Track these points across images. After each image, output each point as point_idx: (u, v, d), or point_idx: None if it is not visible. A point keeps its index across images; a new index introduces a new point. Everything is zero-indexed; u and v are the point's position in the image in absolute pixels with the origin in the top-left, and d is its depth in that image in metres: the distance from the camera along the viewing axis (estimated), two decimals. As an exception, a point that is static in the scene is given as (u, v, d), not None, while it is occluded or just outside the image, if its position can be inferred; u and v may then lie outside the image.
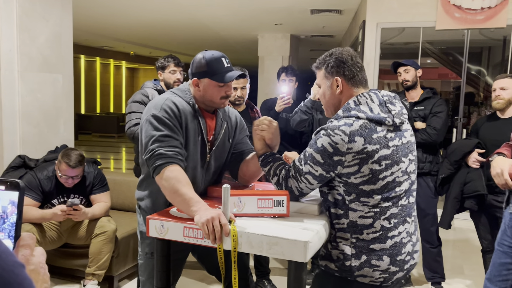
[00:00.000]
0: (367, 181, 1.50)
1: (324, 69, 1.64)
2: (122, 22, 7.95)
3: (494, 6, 4.64)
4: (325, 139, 1.50)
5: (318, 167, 1.52)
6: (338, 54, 1.61)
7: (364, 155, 1.47)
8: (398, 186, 1.54)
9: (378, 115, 1.51)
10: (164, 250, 1.67)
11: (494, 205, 2.72)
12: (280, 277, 3.34)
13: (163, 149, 1.66)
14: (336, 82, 1.60)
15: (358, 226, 1.54)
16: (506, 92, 2.72)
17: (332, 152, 1.48)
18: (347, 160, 1.48)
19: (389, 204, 1.53)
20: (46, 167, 3.00)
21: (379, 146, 1.48)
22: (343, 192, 1.54)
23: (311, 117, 3.11)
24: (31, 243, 0.71)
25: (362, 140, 1.46)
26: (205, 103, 1.83)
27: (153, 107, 1.75)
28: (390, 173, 1.51)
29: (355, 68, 1.60)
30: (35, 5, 3.53)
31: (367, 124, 1.49)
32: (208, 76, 1.76)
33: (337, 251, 1.57)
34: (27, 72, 3.50)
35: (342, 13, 6.41)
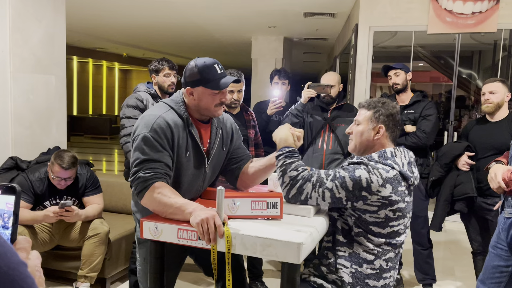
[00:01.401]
0: (379, 223, 1.64)
1: (373, 112, 1.76)
2: (115, 24, 7.93)
3: (485, 11, 4.71)
4: (364, 172, 1.61)
5: (344, 191, 1.61)
6: (391, 107, 1.77)
7: (387, 202, 1.62)
8: (398, 237, 1.70)
9: (406, 171, 1.68)
10: (158, 252, 1.67)
11: (484, 207, 2.76)
12: (273, 279, 3.35)
13: (142, 172, 1.67)
14: (378, 129, 1.75)
15: (360, 259, 1.66)
16: (495, 96, 2.76)
17: (364, 187, 1.60)
18: (371, 199, 1.61)
19: (389, 248, 1.68)
20: (38, 169, 2.98)
21: (400, 198, 1.64)
22: (352, 223, 1.66)
23: (302, 120, 3.13)
24: (27, 247, 0.72)
25: (390, 188, 1.62)
26: (200, 112, 1.81)
27: (145, 125, 1.72)
28: (398, 224, 1.67)
29: (397, 125, 1.79)
30: (28, 6, 3.52)
31: (398, 176, 1.65)
32: (201, 84, 1.74)
33: (335, 276, 1.67)
34: (19, 73, 3.48)
35: (335, 16, 6.45)
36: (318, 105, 3.20)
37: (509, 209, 2.05)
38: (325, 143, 3.13)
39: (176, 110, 1.78)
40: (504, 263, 2.11)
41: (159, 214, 1.65)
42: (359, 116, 1.80)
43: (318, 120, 3.16)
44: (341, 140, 3.10)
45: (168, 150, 1.72)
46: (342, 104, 3.19)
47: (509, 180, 1.97)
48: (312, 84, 3.06)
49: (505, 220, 2.07)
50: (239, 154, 2.01)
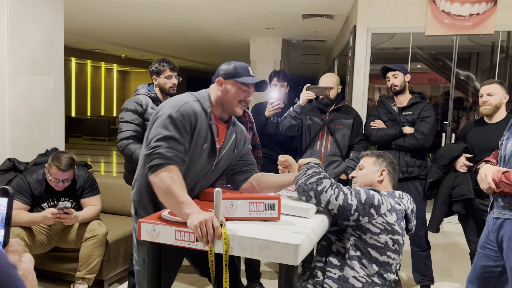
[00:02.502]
0: (378, 248, 1.72)
1: (376, 157, 1.98)
2: (114, 25, 7.93)
3: (483, 13, 4.72)
4: (377, 194, 1.75)
5: (356, 201, 1.70)
6: (391, 157, 2.02)
7: (390, 228, 1.72)
8: (391, 273, 1.77)
9: (410, 215, 1.85)
10: (156, 253, 1.67)
11: (481, 209, 2.76)
12: (271, 280, 3.34)
13: (163, 149, 1.69)
14: (382, 173, 1.94)
15: (348, 284, 1.72)
16: (493, 98, 2.76)
17: (375, 205, 1.71)
18: (377, 220, 1.71)
19: (380, 282, 1.75)
20: (36, 170, 2.98)
21: (401, 232, 1.77)
22: (350, 247, 1.74)
23: (300, 122, 3.13)
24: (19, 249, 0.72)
25: (395, 218, 1.74)
26: (222, 106, 1.88)
27: (172, 106, 1.78)
28: (393, 257, 1.76)
29: (397, 173, 2.02)
30: (26, 8, 3.52)
31: (403, 213, 1.80)
32: (234, 77, 1.84)
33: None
34: (17, 74, 3.47)
35: (334, 18, 6.46)
36: (316, 106, 3.21)
37: (498, 210, 2.06)
38: (324, 145, 3.13)
39: (201, 102, 1.85)
40: (493, 263, 2.12)
41: (159, 196, 1.68)
42: (364, 162, 1.98)
43: (316, 122, 3.16)
44: (339, 142, 3.10)
45: (189, 136, 1.77)
46: (340, 106, 3.19)
47: (499, 181, 1.98)
48: (311, 86, 3.06)
49: (494, 220, 2.08)
50: (246, 159, 2.05)
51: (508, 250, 2.00)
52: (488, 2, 4.68)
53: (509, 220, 2.00)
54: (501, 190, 2.00)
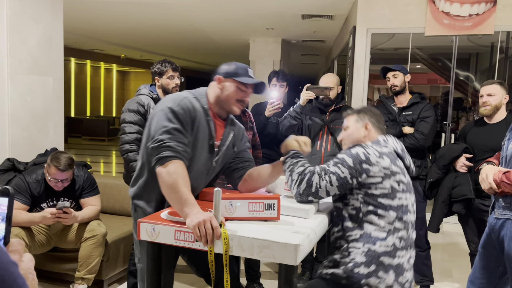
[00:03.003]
0: (387, 194, 1.70)
1: (357, 115, 1.94)
2: (113, 25, 7.93)
3: (482, 13, 4.73)
4: (360, 149, 1.74)
5: (346, 169, 1.70)
6: (371, 107, 2.02)
7: (388, 172, 1.71)
8: (409, 213, 1.76)
9: (401, 153, 1.84)
10: (155, 253, 1.67)
11: (482, 209, 2.76)
12: (270, 280, 3.34)
13: (172, 143, 1.68)
14: (365, 126, 1.90)
15: (372, 238, 1.68)
16: (493, 98, 2.76)
17: (364, 159, 1.70)
18: (373, 170, 1.69)
19: (401, 226, 1.72)
20: (35, 170, 2.97)
21: (400, 171, 1.76)
22: (360, 204, 1.71)
23: (300, 122, 3.13)
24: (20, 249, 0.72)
25: (389, 160, 1.73)
26: (220, 104, 1.89)
27: (171, 100, 1.79)
28: (405, 198, 1.74)
29: (381, 120, 1.97)
30: (26, 8, 3.52)
31: (393, 153, 1.80)
32: (233, 76, 1.87)
33: (347, 259, 1.68)
34: (17, 74, 3.47)
35: (333, 19, 6.47)
36: (316, 107, 3.21)
37: (499, 210, 2.06)
38: (324, 145, 3.13)
39: (199, 99, 1.86)
40: (493, 263, 2.13)
41: (162, 189, 1.67)
42: (347, 122, 1.96)
43: (316, 122, 3.16)
44: (339, 142, 3.10)
45: (190, 130, 1.78)
46: (340, 106, 3.19)
47: (500, 181, 1.98)
48: (311, 86, 3.06)
49: (495, 221, 2.08)
50: (243, 156, 2.05)
51: (509, 250, 2.00)
52: (488, 2, 4.69)
53: (510, 221, 2.00)
54: (502, 190, 2.00)
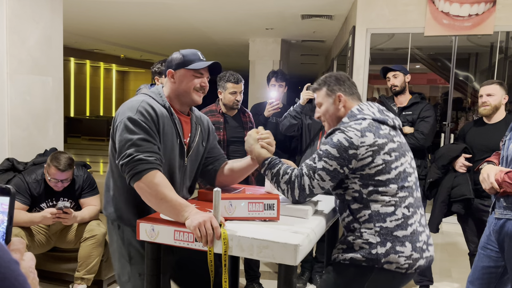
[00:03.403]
0: (382, 170, 1.63)
1: (325, 88, 1.80)
2: (113, 25, 7.92)
3: (482, 13, 4.73)
4: (340, 135, 1.64)
5: (333, 161, 1.62)
6: (336, 74, 1.83)
7: (376, 147, 1.62)
8: (409, 176, 1.69)
9: (380, 116, 1.73)
10: (154, 253, 1.67)
11: (481, 209, 2.77)
12: (270, 280, 3.34)
13: (142, 155, 1.60)
14: (339, 98, 1.78)
15: (381, 215, 1.63)
16: (492, 98, 2.77)
17: (348, 146, 1.61)
18: (361, 153, 1.61)
19: (406, 193, 1.66)
20: (34, 170, 2.97)
21: (387, 140, 1.66)
22: (360, 187, 1.65)
23: (300, 122, 3.14)
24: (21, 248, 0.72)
25: (372, 135, 1.64)
26: (180, 98, 1.80)
27: (128, 109, 1.68)
28: (400, 163, 1.67)
29: (353, 86, 1.83)
30: (25, 7, 3.51)
31: (373, 123, 1.68)
32: (183, 66, 1.77)
33: (361, 241, 1.64)
34: (16, 74, 3.47)
35: (333, 19, 6.47)
36: (316, 106, 3.21)
37: (500, 210, 2.06)
38: (323, 145, 3.13)
39: (157, 100, 1.77)
40: (493, 264, 2.12)
41: (149, 203, 1.62)
42: (318, 98, 1.84)
43: (316, 122, 3.16)
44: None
45: (157, 135, 1.68)
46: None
47: (502, 181, 1.98)
48: (311, 85, 3.07)
49: (496, 221, 2.08)
50: (215, 153, 2.01)
51: (509, 250, 2.00)
52: (487, 2, 4.69)
53: (510, 221, 2.00)
54: (503, 190, 1.99)
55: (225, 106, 3.01)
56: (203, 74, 1.80)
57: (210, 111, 3.01)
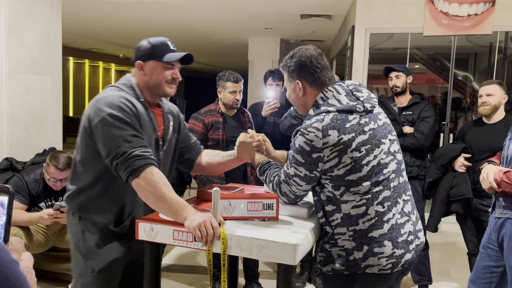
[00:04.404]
0: (351, 170, 1.50)
1: (286, 72, 1.67)
2: (112, 25, 7.92)
3: (481, 13, 4.73)
4: (300, 139, 1.53)
5: (301, 167, 1.54)
6: (298, 57, 1.62)
7: (341, 146, 1.49)
8: (385, 168, 1.54)
9: (347, 104, 1.54)
10: (153, 253, 1.67)
11: (480, 208, 2.77)
12: (269, 280, 3.34)
13: (138, 151, 1.55)
14: (298, 85, 1.64)
15: (352, 217, 1.52)
16: (492, 98, 2.77)
17: (310, 150, 1.51)
18: (325, 155, 1.50)
19: (380, 188, 1.53)
20: (33, 170, 2.97)
21: (355, 134, 1.50)
22: (332, 188, 1.54)
23: (301, 121, 3.13)
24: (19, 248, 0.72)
25: (336, 132, 1.49)
26: (151, 90, 1.73)
27: (107, 105, 1.58)
28: (373, 157, 1.52)
29: (315, 70, 1.61)
30: (24, 6, 3.51)
31: (338, 115, 1.52)
32: (153, 57, 1.69)
33: (337, 248, 1.55)
34: (15, 74, 3.46)
35: (332, 18, 6.47)
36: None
37: (500, 209, 2.07)
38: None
39: (131, 94, 1.69)
40: (494, 263, 2.13)
41: (147, 201, 1.58)
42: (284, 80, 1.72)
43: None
44: None
45: (140, 130, 1.62)
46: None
47: (501, 181, 1.98)
48: None
49: (496, 220, 2.09)
50: (188, 142, 1.97)
51: (508, 249, 2.00)
52: (486, 2, 4.69)
53: (510, 220, 2.01)
54: (502, 190, 2.00)
55: (225, 105, 3.01)
56: (174, 65, 1.73)
57: (210, 111, 3.01)
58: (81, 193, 1.72)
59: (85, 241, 1.73)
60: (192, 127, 2.97)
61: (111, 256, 1.74)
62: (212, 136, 2.95)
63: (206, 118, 2.96)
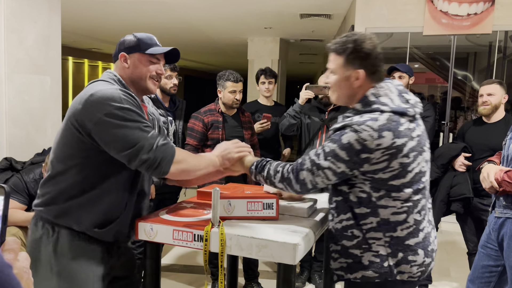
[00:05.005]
0: (397, 175, 1.42)
1: (345, 57, 1.49)
2: (111, 24, 7.91)
3: (480, 13, 4.73)
4: (351, 135, 1.39)
5: (341, 164, 1.42)
6: (364, 44, 1.48)
7: (394, 150, 1.39)
8: (424, 176, 1.49)
9: (400, 106, 1.44)
10: (153, 253, 1.66)
11: (480, 208, 2.77)
12: (269, 280, 3.34)
13: (160, 141, 1.48)
14: (357, 74, 1.48)
15: (390, 224, 1.45)
16: (493, 98, 2.78)
17: (359, 149, 1.38)
18: (376, 157, 1.39)
19: (420, 196, 1.47)
20: (33, 170, 2.96)
21: (407, 138, 1.41)
22: (370, 189, 1.44)
23: (300, 121, 3.14)
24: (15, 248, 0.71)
25: (390, 134, 1.38)
26: (134, 85, 1.62)
27: (109, 99, 1.45)
28: (417, 164, 1.45)
29: (379, 62, 1.50)
30: (23, 6, 3.50)
31: (392, 116, 1.41)
32: (138, 50, 1.60)
33: (370, 254, 1.47)
34: (14, 73, 3.46)
35: (331, 18, 6.46)
36: (315, 106, 3.21)
37: (500, 209, 2.07)
38: (323, 144, 3.14)
39: (121, 87, 1.56)
40: (493, 262, 2.13)
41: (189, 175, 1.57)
42: (331, 64, 1.54)
43: (315, 121, 3.16)
44: None
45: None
46: (339, 105, 3.19)
47: (502, 180, 1.98)
48: (310, 85, 3.07)
49: (495, 219, 2.09)
50: None
51: (508, 249, 2.00)
52: (486, 2, 4.69)
53: (510, 219, 2.01)
54: (503, 189, 2.00)
55: (225, 105, 3.01)
56: (159, 59, 1.64)
57: (209, 110, 3.01)
58: (58, 197, 1.52)
59: (59, 258, 1.50)
60: (192, 127, 2.96)
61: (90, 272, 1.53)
62: (212, 135, 2.95)
63: (206, 118, 2.96)
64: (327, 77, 1.59)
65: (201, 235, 1.50)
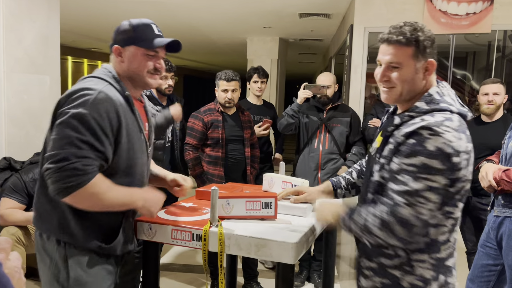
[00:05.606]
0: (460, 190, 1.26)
1: (414, 47, 1.28)
2: (111, 24, 7.90)
3: (479, 12, 4.73)
4: (436, 139, 1.19)
5: (439, 176, 1.19)
6: (427, 30, 1.30)
7: (468, 156, 1.23)
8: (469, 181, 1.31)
9: (463, 108, 1.30)
10: (152, 252, 1.67)
11: (478, 207, 2.77)
12: (268, 279, 3.34)
13: (79, 163, 1.28)
14: (428, 65, 1.30)
15: (437, 244, 1.27)
16: (498, 97, 2.80)
17: (451, 152, 1.18)
18: (460, 161, 1.21)
19: (460, 213, 1.31)
20: (32, 169, 2.96)
21: (472, 144, 1.28)
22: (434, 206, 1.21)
23: (298, 121, 3.15)
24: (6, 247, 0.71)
25: (465, 137, 1.23)
26: (132, 81, 1.50)
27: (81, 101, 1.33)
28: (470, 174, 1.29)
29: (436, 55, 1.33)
30: (22, 6, 3.50)
31: (461, 119, 1.27)
32: (134, 42, 1.45)
33: (413, 277, 1.29)
34: (13, 73, 3.45)
35: (331, 17, 6.46)
36: (313, 105, 3.21)
37: (498, 208, 2.07)
38: (321, 143, 3.14)
39: (115, 86, 1.44)
40: (493, 261, 2.13)
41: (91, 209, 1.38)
42: (395, 57, 1.31)
43: (314, 121, 3.17)
44: (337, 140, 3.12)
45: (112, 137, 1.37)
46: (337, 104, 3.20)
47: (500, 179, 1.99)
48: (308, 85, 3.08)
49: (494, 218, 2.09)
50: None
51: (507, 248, 2.01)
52: (485, 1, 4.69)
53: (509, 218, 2.01)
54: (501, 188, 2.01)
55: (221, 104, 3.02)
56: (158, 52, 1.49)
57: (209, 110, 3.01)
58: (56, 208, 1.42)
59: (68, 271, 1.43)
60: (192, 126, 2.97)
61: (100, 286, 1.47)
62: (211, 134, 2.95)
63: (205, 117, 2.96)
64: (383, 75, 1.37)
65: (200, 234, 1.50)
